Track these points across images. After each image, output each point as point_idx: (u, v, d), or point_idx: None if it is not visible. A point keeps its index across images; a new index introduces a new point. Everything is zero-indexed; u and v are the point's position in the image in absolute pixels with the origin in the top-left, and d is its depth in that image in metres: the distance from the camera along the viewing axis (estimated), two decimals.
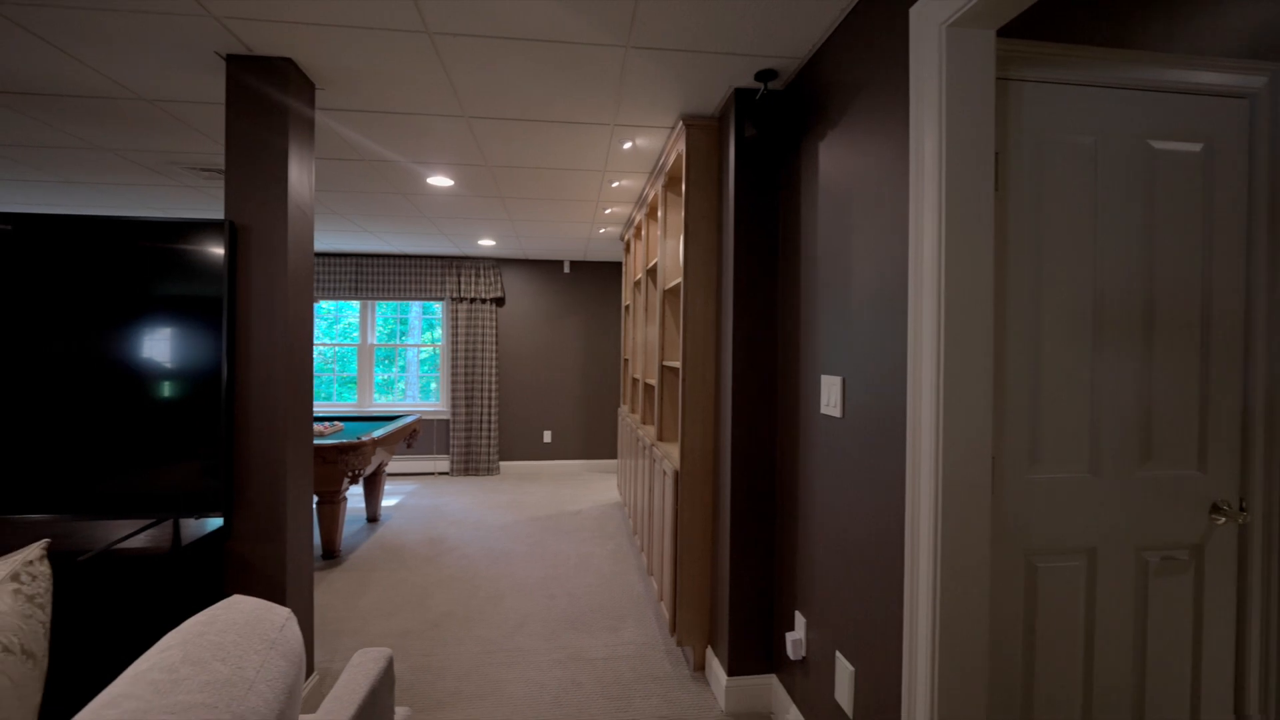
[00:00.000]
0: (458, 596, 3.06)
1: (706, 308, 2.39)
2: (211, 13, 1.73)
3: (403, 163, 3.05)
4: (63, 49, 1.93)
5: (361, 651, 1.06)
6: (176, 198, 3.82)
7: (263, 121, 1.97)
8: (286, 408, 1.96)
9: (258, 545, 1.93)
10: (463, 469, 5.90)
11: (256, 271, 1.96)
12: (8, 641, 0.79)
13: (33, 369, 1.85)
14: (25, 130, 2.66)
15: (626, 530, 4.15)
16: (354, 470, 3.41)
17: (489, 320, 5.95)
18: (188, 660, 0.81)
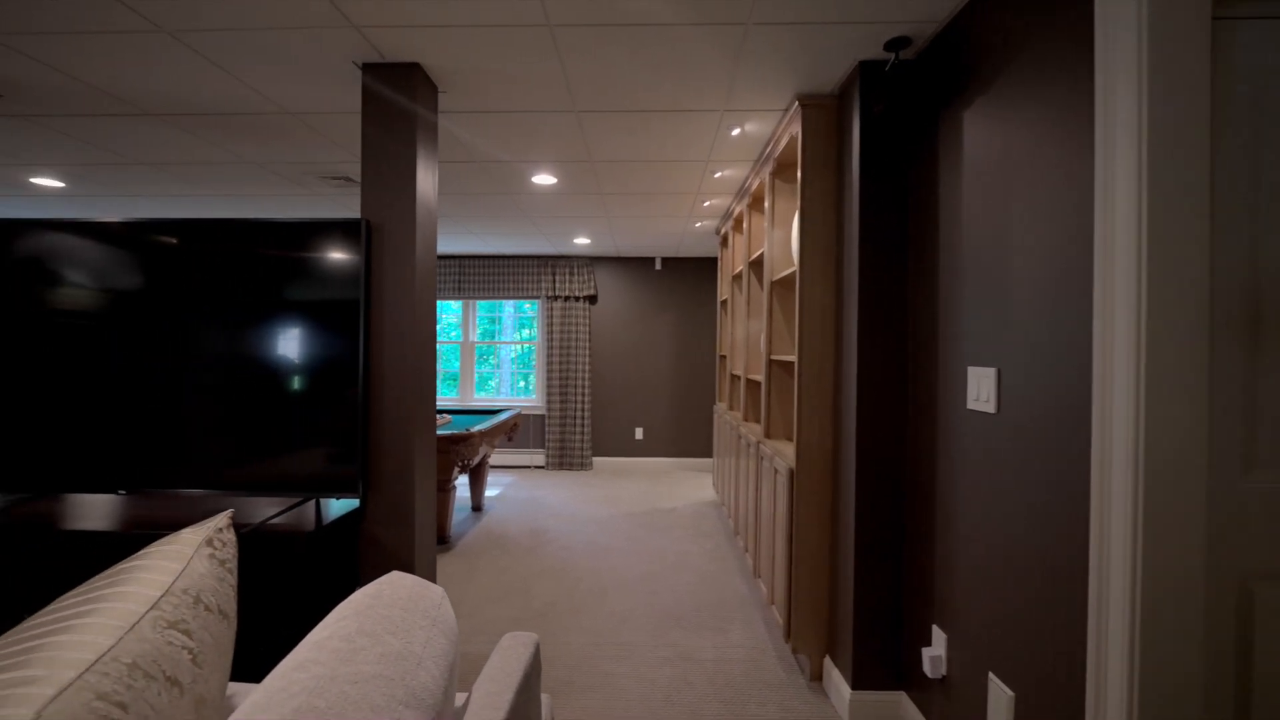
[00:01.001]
0: (561, 587, 3.10)
1: (824, 297, 2.26)
2: (352, 22, 1.83)
3: (511, 162, 3.13)
4: (228, 70, 2.12)
5: (510, 635, 1.06)
6: (308, 206, 4.17)
7: (393, 124, 2.07)
8: (414, 398, 2.05)
9: (389, 527, 2.03)
10: (557, 463, 6.04)
11: (388, 267, 2.06)
12: (208, 602, 0.84)
13: (194, 363, 2.04)
14: (193, 149, 2.97)
15: (725, 530, 4.05)
16: (464, 460, 3.55)
17: (582, 318, 6.05)
18: (362, 632, 0.82)
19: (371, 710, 0.70)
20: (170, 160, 3.16)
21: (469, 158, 3.07)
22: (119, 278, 2.07)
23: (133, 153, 3.03)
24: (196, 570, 0.87)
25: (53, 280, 2.08)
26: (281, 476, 2.03)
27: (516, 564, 3.44)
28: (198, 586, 0.85)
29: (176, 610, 0.78)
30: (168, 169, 3.31)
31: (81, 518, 2.00)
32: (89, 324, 2.08)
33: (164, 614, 0.76)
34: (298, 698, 0.69)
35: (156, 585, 0.80)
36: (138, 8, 1.74)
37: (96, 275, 2.08)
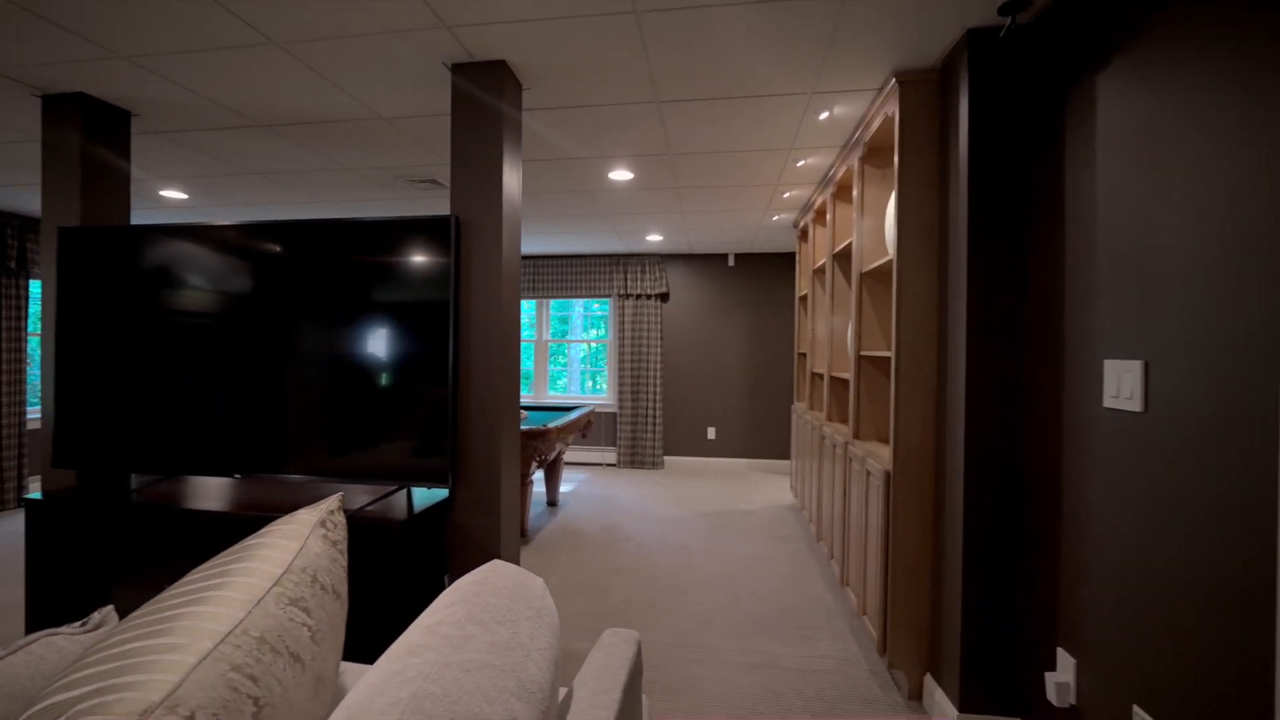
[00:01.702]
0: (638, 585, 3.07)
1: (925, 287, 2.10)
2: (445, 22, 1.87)
3: (589, 158, 3.14)
4: (330, 79, 2.23)
5: (611, 632, 1.03)
6: (395, 210, 4.37)
7: (480, 122, 2.11)
8: (500, 393, 2.07)
9: (476, 517, 2.06)
10: (629, 461, 6.04)
11: (475, 264, 2.10)
12: (324, 581, 0.86)
13: (296, 358, 2.16)
14: (297, 157, 3.17)
15: (805, 535, 3.89)
16: (541, 456, 3.60)
17: (654, 316, 6.03)
18: (471, 619, 0.81)
19: (485, 700, 0.68)
20: (276, 169, 3.39)
21: (548, 155, 3.10)
22: (232, 280, 2.22)
23: (245, 163, 3.27)
24: (312, 550, 0.89)
25: (177, 283, 2.27)
26: (373, 466, 2.10)
27: (593, 560, 3.45)
28: (314, 566, 0.86)
29: (296, 588, 0.79)
30: (274, 177, 3.56)
31: (203, 498, 2.16)
32: (207, 322, 2.25)
33: (285, 591, 0.77)
34: (413, 683, 0.67)
35: (278, 563, 0.81)
36: (253, 22, 1.86)
37: (213, 277, 2.24)
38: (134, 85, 2.32)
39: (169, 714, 0.50)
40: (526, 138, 2.84)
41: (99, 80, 2.28)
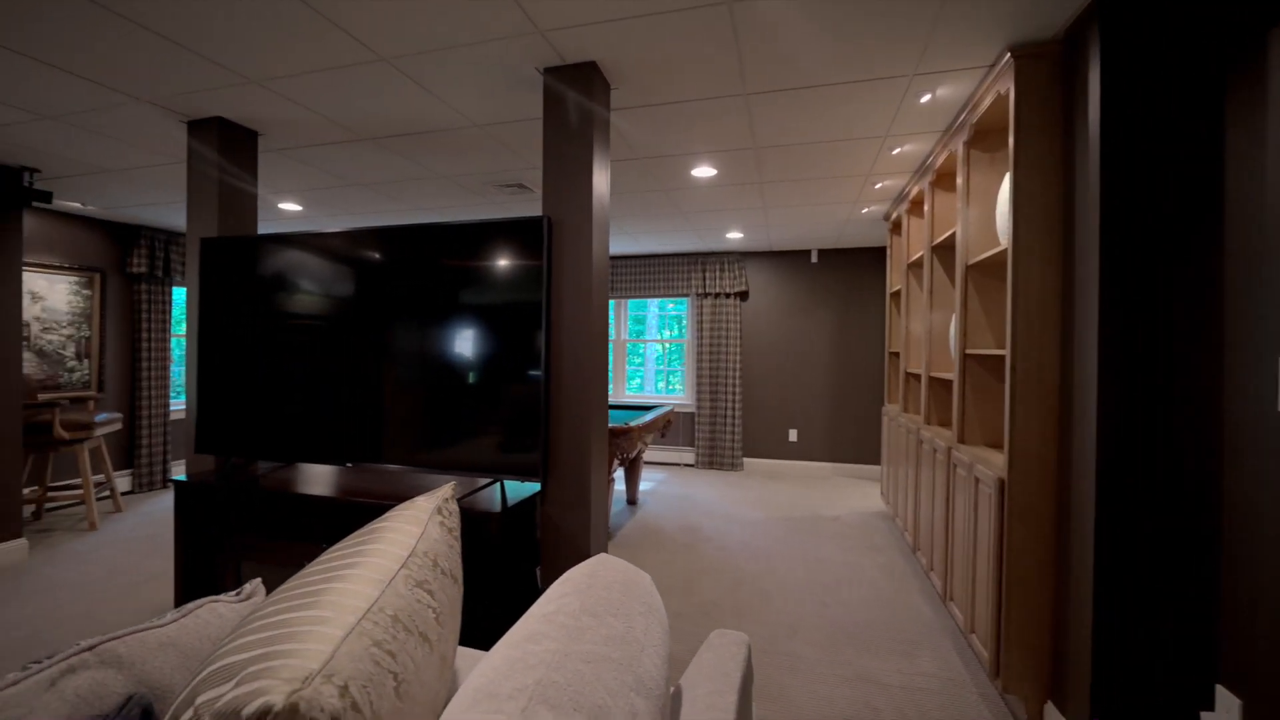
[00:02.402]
0: (722, 587, 3.02)
1: (1046, 279, 1.92)
2: (539, 27, 1.92)
3: (672, 156, 3.13)
4: (430, 90, 2.35)
5: (719, 633, 1.00)
6: (482, 214, 4.55)
7: (571, 124, 2.14)
8: (590, 389, 2.10)
9: (567, 511, 2.10)
10: (707, 462, 5.98)
11: (566, 263, 2.13)
12: (443, 566, 0.89)
13: (396, 356, 2.29)
14: (393, 167, 3.38)
15: (900, 545, 3.68)
16: (623, 454, 3.62)
17: (733, 315, 5.93)
18: (585, 610, 0.81)
19: (607, 693, 0.67)
20: (379, 179, 3.62)
21: (632, 154, 3.11)
22: (341, 283, 2.39)
23: (352, 175, 3.52)
24: (432, 535, 0.92)
25: (295, 286, 2.46)
26: (465, 459, 2.19)
27: (675, 560, 3.43)
28: (434, 550, 0.89)
29: (420, 570, 0.82)
30: (376, 187, 3.80)
31: (314, 484, 2.33)
32: (319, 322, 2.43)
33: (411, 573, 0.80)
34: (536, 670, 0.68)
35: (403, 546, 0.85)
36: (365, 41, 1.98)
37: (324, 281, 2.42)
38: (262, 107, 2.54)
39: (326, 682, 0.52)
40: (613, 138, 2.87)
41: (234, 104, 2.52)
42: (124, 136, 2.87)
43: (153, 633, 0.72)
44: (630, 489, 4.62)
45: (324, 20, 1.87)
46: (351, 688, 0.54)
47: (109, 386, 4.86)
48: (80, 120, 2.67)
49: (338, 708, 0.51)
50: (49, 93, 2.38)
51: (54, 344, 4.50)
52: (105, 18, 1.84)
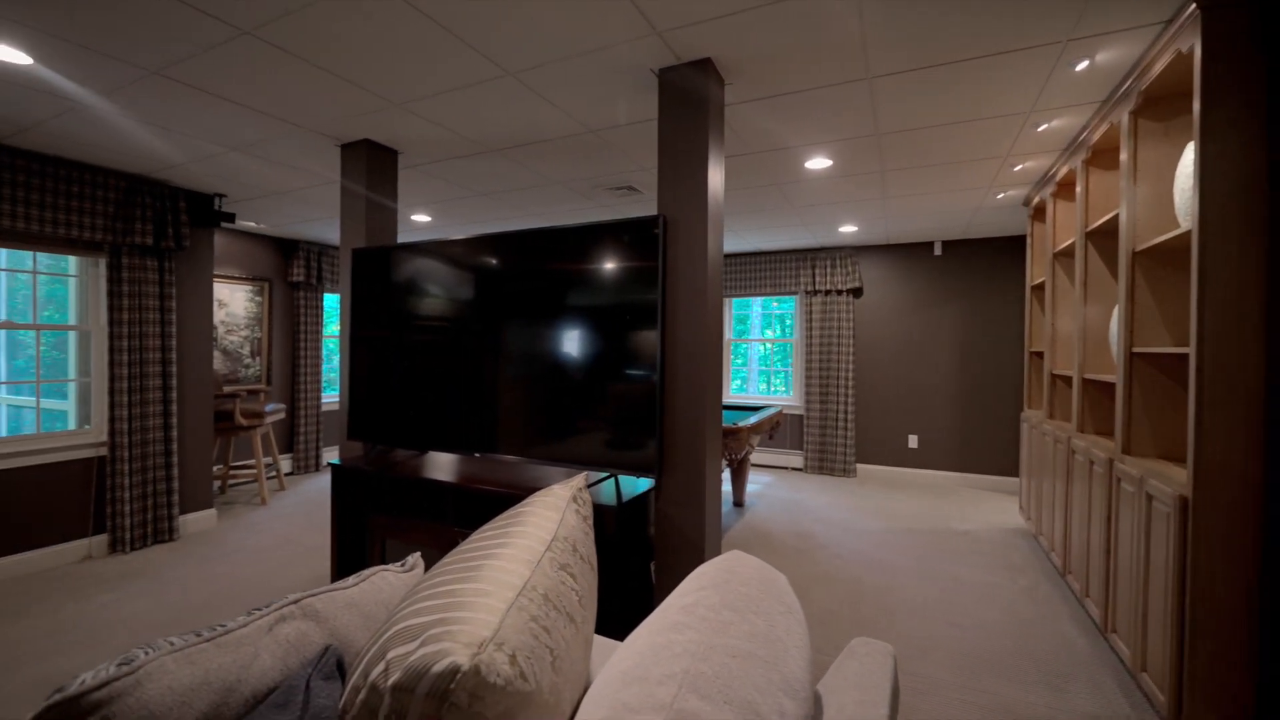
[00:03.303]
0: (839, 598, 2.88)
1: (1241, 265, 1.64)
2: (656, 28, 1.93)
3: (786, 149, 3.04)
4: (549, 99, 2.45)
5: (862, 641, 0.95)
6: (592, 218, 4.69)
7: (686, 124, 2.15)
8: (705, 387, 2.08)
9: (682, 508, 2.10)
10: (816, 467, 5.74)
11: (682, 262, 2.14)
12: (581, 551, 0.91)
13: (514, 355, 2.40)
14: (512, 176, 3.57)
15: (1044, 566, 3.31)
16: (731, 454, 3.57)
17: (845, 313, 5.65)
18: (725, 605, 0.80)
19: (756, 690, 0.65)
20: (498, 188, 3.85)
21: (744, 149, 3.06)
22: (467, 286, 2.56)
23: (474, 185, 3.77)
24: (569, 522, 0.95)
25: (427, 290, 2.68)
26: (581, 453, 2.25)
27: (787, 565, 3.32)
28: (573, 537, 0.92)
29: (563, 554, 0.86)
30: (496, 196, 4.05)
31: (447, 471, 2.52)
32: (446, 322, 2.62)
33: (555, 556, 0.83)
34: (682, 659, 0.67)
35: (546, 530, 0.89)
36: (494, 58, 2.11)
37: (451, 284, 2.60)
38: (402, 128, 2.79)
39: (498, 650, 0.55)
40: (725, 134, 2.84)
41: (379, 127, 2.79)
42: (289, 161, 3.28)
43: (340, 593, 0.81)
44: (737, 491, 4.54)
45: (459, 42, 2.01)
46: (519, 657, 0.57)
47: (275, 380, 5.58)
48: (257, 150, 3.09)
49: (509, 674, 0.54)
50: (235, 127, 2.77)
51: (234, 344, 5.25)
52: (281, 58, 2.11)
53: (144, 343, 3.59)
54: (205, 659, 0.61)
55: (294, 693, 0.61)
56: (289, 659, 0.68)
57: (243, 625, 0.67)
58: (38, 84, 2.33)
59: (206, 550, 3.53)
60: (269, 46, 2.04)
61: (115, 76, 2.25)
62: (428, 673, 0.51)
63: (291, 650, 0.69)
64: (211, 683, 0.59)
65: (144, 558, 3.40)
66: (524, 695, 0.54)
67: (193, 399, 3.92)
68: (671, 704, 0.59)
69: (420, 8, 1.81)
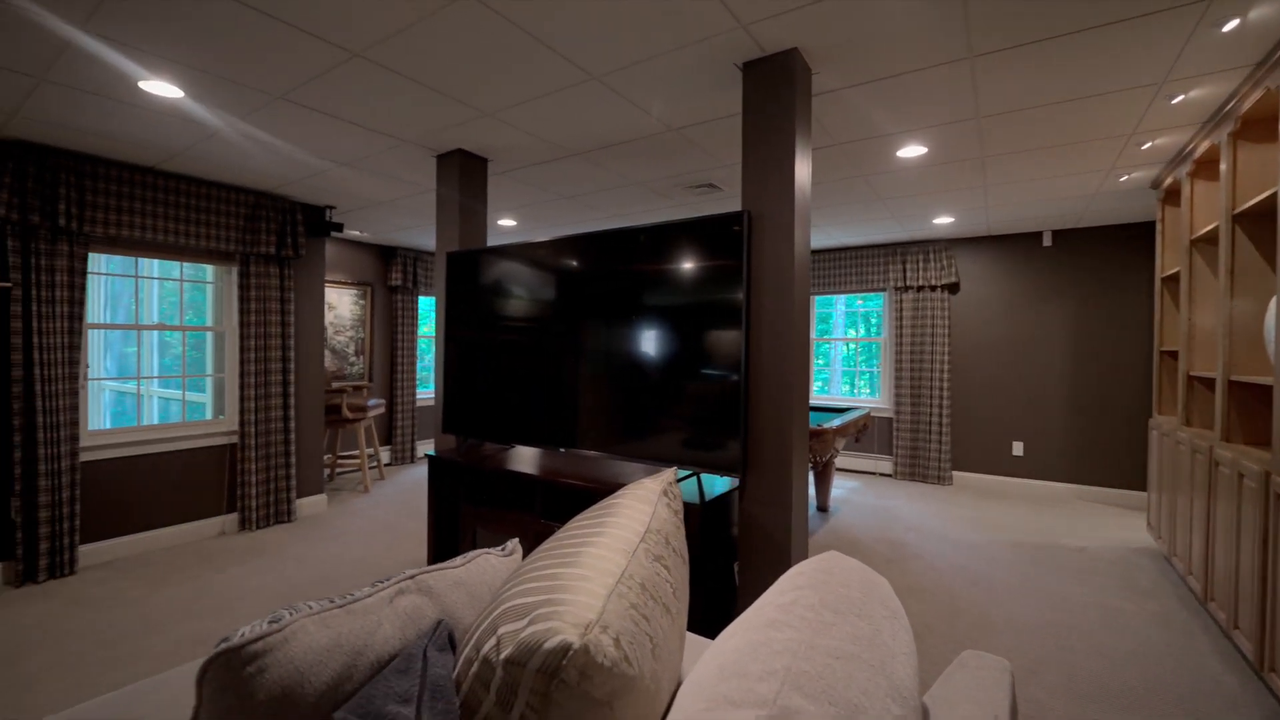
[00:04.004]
0: (934, 611, 2.71)
1: None
2: (742, 21, 1.91)
3: (875, 138, 2.90)
4: (632, 100, 2.48)
5: (973, 654, 0.89)
6: (669, 215, 4.69)
7: (771, 117, 2.10)
8: (792, 385, 2.03)
9: (767, 508, 2.06)
10: (907, 473, 5.44)
11: (767, 258, 2.09)
12: (674, 544, 0.91)
13: (598, 353, 2.44)
14: (594, 178, 3.64)
15: (1178, 591, 2.96)
16: (816, 456, 3.46)
17: (939, 309, 5.32)
18: (825, 606, 0.77)
19: (861, 693, 0.62)
20: (580, 191, 3.94)
21: (829, 141, 2.95)
22: (546, 288, 2.63)
23: (557, 188, 3.87)
24: (661, 515, 0.95)
25: (513, 291, 2.78)
26: (663, 451, 2.25)
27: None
28: (665, 529, 0.93)
29: (656, 546, 0.86)
30: (577, 199, 4.14)
31: (531, 464, 2.60)
32: (534, 322, 2.70)
33: (650, 548, 0.84)
34: (783, 656, 0.65)
35: (639, 522, 0.89)
36: (579, 62, 2.16)
37: (536, 286, 2.69)
38: (492, 136, 2.92)
39: (603, 633, 0.56)
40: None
41: (470, 136, 2.94)
42: (391, 173, 3.52)
43: (450, 572, 0.86)
44: (821, 495, 4.39)
45: (547, 49, 2.08)
46: (622, 641, 0.58)
47: (375, 377, 6.01)
48: (363, 163, 3.34)
49: (615, 657, 0.54)
50: (345, 144, 3.01)
51: (341, 343, 5.70)
52: (387, 76, 2.27)
53: (267, 342, 3.98)
54: (338, 623, 0.66)
55: (413, 660, 0.66)
56: (406, 630, 0.72)
57: (368, 595, 0.73)
58: (186, 114, 2.64)
59: (318, 532, 3.86)
60: (376, 66, 2.19)
61: (247, 103, 2.51)
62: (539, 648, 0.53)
63: (409, 622, 0.73)
64: (343, 645, 0.65)
65: (267, 536, 3.77)
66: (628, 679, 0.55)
67: (307, 394, 4.30)
68: (774, 700, 0.57)
69: (512, 18, 1.89)
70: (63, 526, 3.10)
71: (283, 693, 0.58)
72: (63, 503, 3.10)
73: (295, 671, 0.59)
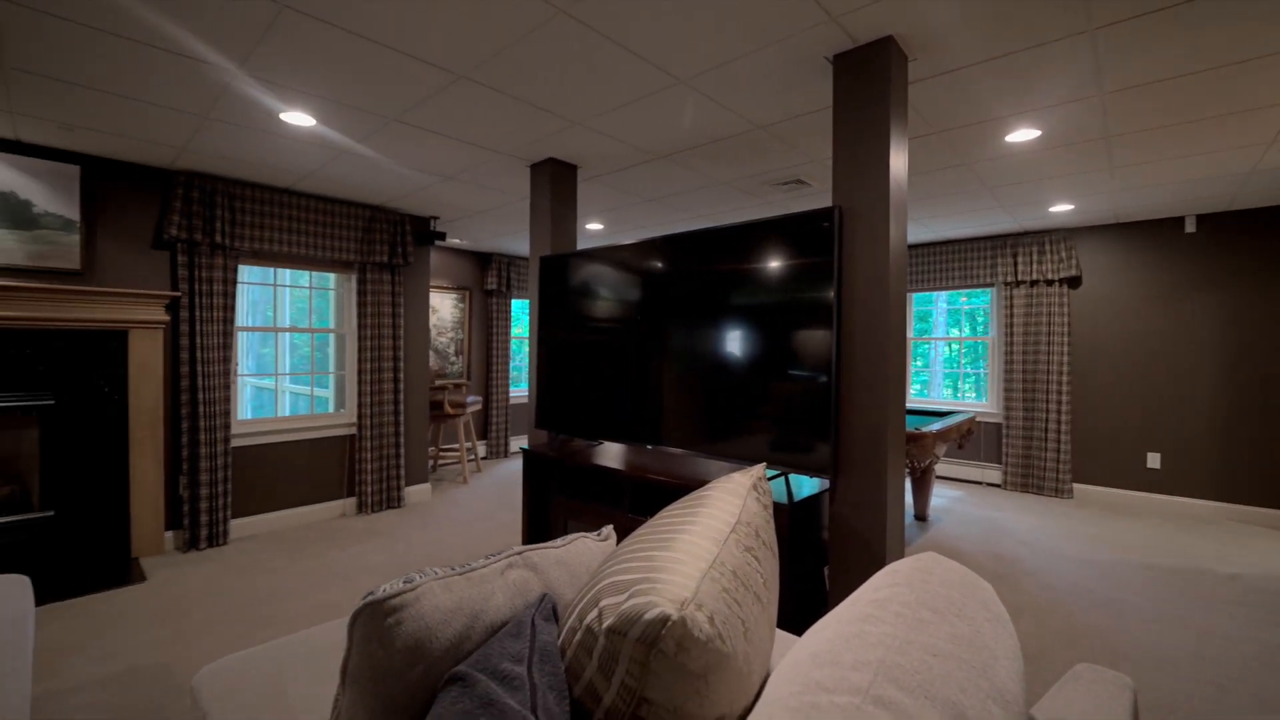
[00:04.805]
0: (1049, 633, 2.49)
1: None
2: (831, 14, 1.87)
3: (980, 123, 2.72)
4: (718, 100, 2.49)
5: (1088, 668, 0.83)
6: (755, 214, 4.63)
7: (864, 108, 2.03)
8: (885, 387, 1.95)
9: (859, 511, 1.99)
10: (1019, 484, 5.02)
11: (860, 254, 2.03)
12: (764, 537, 0.92)
13: (683, 352, 2.46)
14: (678, 180, 3.67)
15: None
16: (913, 462, 3.29)
17: (1057, 306, 4.87)
18: (922, 604, 0.75)
19: (959, 691, 0.61)
20: (665, 193, 3.99)
21: (927, 129, 2.81)
22: (632, 289, 2.69)
23: (643, 191, 3.95)
24: (751, 509, 0.97)
25: (600, 292, 2.87)
26: (749, 450, 2.24)
27: None
28: (754, 522, 0.94)
29: (746, 538, 0.87)
30: (662, 200, 4.19)
31: (618, 460, 2.67)
32: (621, 323, 2.77)
33: (740, 538, 0.86)
34: (877, 650, 0.65)
35: (729, 514, 0.91)
36: (665, 67, 2.20)
37: (619, 288, 2.76)
38: (581, 143, 3.04)
39: (698, 610, 0.59)
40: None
41: (561, 145, 3.07)
42: (487, 184, 3.75)
43: (552, 551, 0.93)
44: (919, 503, 4.16)
45: (634, 57, 2.14)
46: (716, 619, 0.60)
47: (473, 376, 6.39)
48: (463, 176, 3.58)
49: (710, 633, 0.57)
50: (448, 159, 3.25)
51: (443, 344, 6.12)
52: (487, 94, 2.43)
53: (380, 343, 4.36)
54: (459, 589, 0.74)
55: (522, 627, 0.72)
56: (515, 600, 0.79)
57: (484, 565, 0.81)
58: (317, 140, 2.96)
59: (424, 518, 4.17)
60: (478, 85, 2.36)
61: (366, 126, 2.78)
62: (640, 619, 0.56)
63: (517, 593, 0.80)
64: (463, 608, 0.73)
65: (380, 519, 4.13)
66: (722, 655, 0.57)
67: (414, 390, 4.66)
68: (868, 689, 0.57)
69: (600, 30, 1.96)
70: (218, 503, 3.58)
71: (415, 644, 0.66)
72: (217, 482, 3.57)
73: (425, 627, 0.67)
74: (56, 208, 3.10)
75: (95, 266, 3.27)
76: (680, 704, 0.57)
